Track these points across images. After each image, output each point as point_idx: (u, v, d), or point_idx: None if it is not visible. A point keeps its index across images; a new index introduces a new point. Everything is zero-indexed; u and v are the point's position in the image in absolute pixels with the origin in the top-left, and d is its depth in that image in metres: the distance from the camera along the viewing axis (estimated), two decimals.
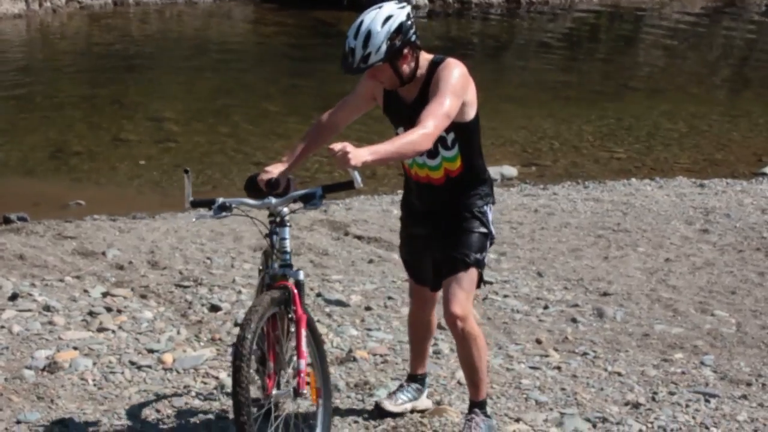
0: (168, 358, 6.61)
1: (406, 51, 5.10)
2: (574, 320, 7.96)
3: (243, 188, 5.25)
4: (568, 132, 16.60)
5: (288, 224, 5.18)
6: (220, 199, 5.16)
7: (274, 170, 5.31)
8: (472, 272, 5.34)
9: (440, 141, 5.19)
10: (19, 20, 25.43)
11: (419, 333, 5.91)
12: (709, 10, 30.37)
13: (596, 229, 10.93)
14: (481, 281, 5.44)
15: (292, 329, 4.99)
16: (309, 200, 5.11)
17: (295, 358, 4.95)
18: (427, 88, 5.14)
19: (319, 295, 8.15)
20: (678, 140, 16.41)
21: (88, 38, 24.76)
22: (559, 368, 6.90)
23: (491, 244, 5.49)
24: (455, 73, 5.08)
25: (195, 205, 5.25)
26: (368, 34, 5.00)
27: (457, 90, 5.05)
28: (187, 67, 21.82)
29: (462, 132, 5.25)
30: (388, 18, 5.04)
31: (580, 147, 15.80)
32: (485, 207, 5.43)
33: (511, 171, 14.06)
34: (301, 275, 5.11)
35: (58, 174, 14.01)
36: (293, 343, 4.98)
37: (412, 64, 5.17)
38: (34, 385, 6.17)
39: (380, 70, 5.11)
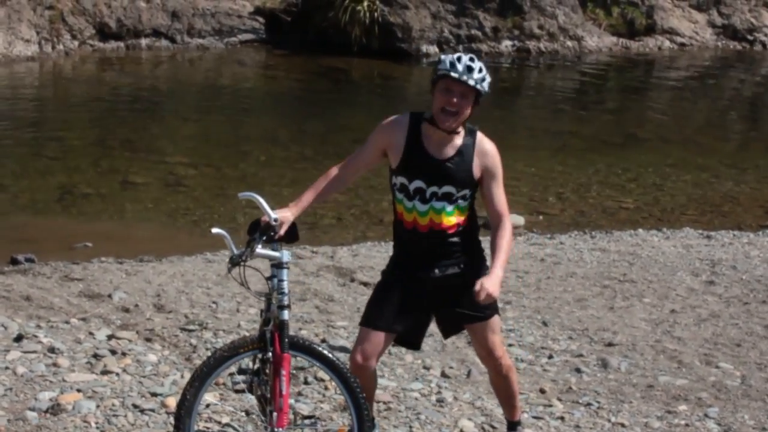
0: (171, 401, 6.60)
1: (478, 106, 5.48)
2: (578, 370, 7.95)
3: (246, 232, 5.31)
4: (576, 181, 16.62)
5: (286, 267, 5.23)
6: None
7: (281, 215, 5.35)
8: (498, 320, 5.74)
9: (464, 196, 5.51)
10: (32, 63, 25.59)
11: (368, 384, 5.69)
12: (718, 62, 30.47)
13: (602, 279, 10.93)
14: None
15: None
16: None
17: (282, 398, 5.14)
18: (468, 150, 5.48)
19: (324, 341, 8.15)
20: (685, 191, 16.43)
21: (99, 81, 24.90)
22: (562, 418, 6.89)
23: None
24: (498, 157, 5.58)
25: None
26: (484, 68, 5.46)
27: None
28: (198, 111, 21.92)
29: (477, 186, 5.60)
30: None
31: (588, 196, 15.82)
32: (484, 252, 5.68)
33: (518, 220, 14.06)
34: (286, 315, 5.20)
35: (66, 215, 14.06)
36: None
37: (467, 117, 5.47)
38: (37, 427, 6.17)
39: (469, 97, 5.41)
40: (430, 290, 5.54)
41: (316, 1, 28.05)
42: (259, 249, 5.21)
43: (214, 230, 5.30)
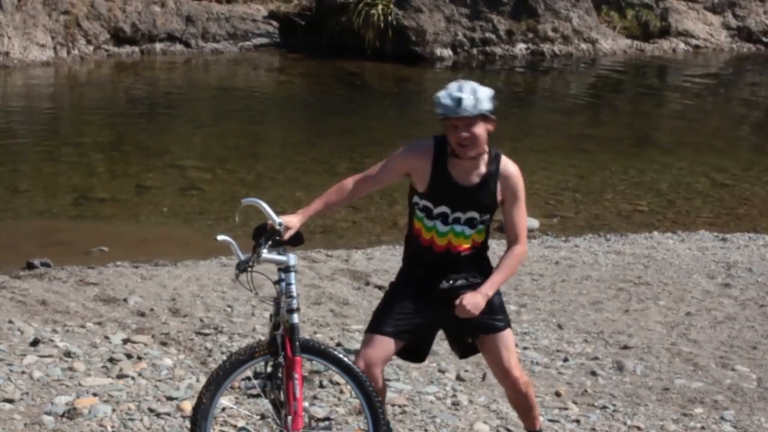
0: (187, 405, 6.61)
1: (494, 119, 5.44)
2: (593, 373, 7.94)
3: (252, 237, 5.32)
4: (591, 184, 16.60)
5: (293, 270, 5.25)
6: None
7: (286, 220, 5.35)
8: (510, 333, 5.65)
9: (484, 221, 5.54)
10: (47, 68, 25.67)
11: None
12: (733, 64, 30.39)
13: (617, 282, 10.91)
14: None
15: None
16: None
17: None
18: (493, 177, 5.49)
19: (339, 344, 8.15)
20: (700, 194, 16.38)
21: (114, 86, 24.97)
22: (578, 421, 6.88)
23: None
24: (521, 181, 5.58)
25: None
26: (475, 89, 5.36)
27: (524, 194, 5.61)
28: (212, 115, 21.97)
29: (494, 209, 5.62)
30: (482, 85, 5.45)
31: (602, 199, 15.79)
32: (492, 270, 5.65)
33: (532, 222, 14.03)
34: (295, 318, 5.20)
35: (81, 220, 14.10)
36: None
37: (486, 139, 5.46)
38: (53, 431, 6.19)
39: (476, 124, 5.36)
40: (438, 303, 5.52)
41: (330, 4, 28.09)
42: (266, 254, 5.22)
43: (220, 237, 5.32)
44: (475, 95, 5.33)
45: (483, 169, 5.47)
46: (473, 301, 5.32)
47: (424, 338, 5.71)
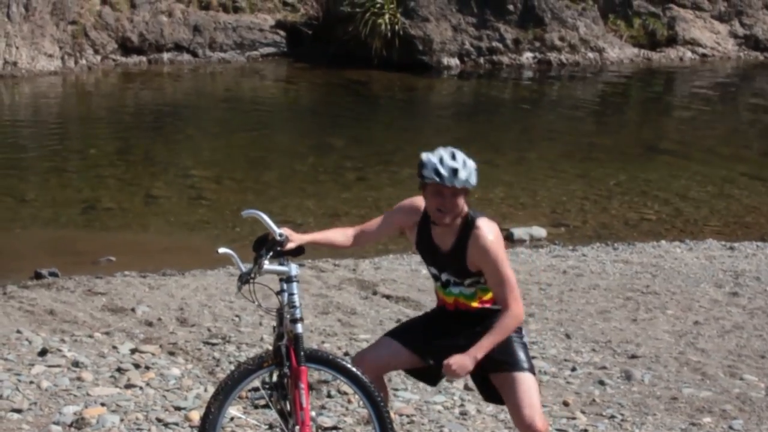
0: (195, 415, 6.62)
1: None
2: (601, 382, 7.93)
3: (252, 249, 5.32)
4: (598, 193, 16.59)
5: (295, 280, 5.27)
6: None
7: (287, 232, 5.38)
8: (534, 380, 5.50)
9: (474, 282, 5.48)
10: (55, 77, 25.74)
11: None
12: (740, 73, 30.38)
13: (625, 291, 10.90)
14: None
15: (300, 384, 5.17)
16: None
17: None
18: (463, 244, 5.41)
19: (346, 354, 8.15)
20: (708, 202, 16.36)
21: (122, 95, 25.03)
22: (586, 431, 6.87)
23: None
24: (495, 245, 5.39)
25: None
26: (465, 160, 5.33)
27: (504, 256, 5.42)
28: (219, 125, 21.99)
29: None
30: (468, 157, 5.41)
31: (610, 208, 15.78)
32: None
33: (540, 232, 14.05)
34: (299, 328, 5.21)
35: (89, 230, 14.12)
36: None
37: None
38: None
39: (460, 196, 5.36)
40: (458, 345, 5.45)
41: (337, 14, 28.12)
42: (267, 265, 5.23)
43: (221, 250, 5.33)
44: (467, 167, 5.31)
45: (455, 236, 5.45)
46: (460, 363, 5.25)
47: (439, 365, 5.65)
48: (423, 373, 5.72)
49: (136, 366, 7.56)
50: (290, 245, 5.35)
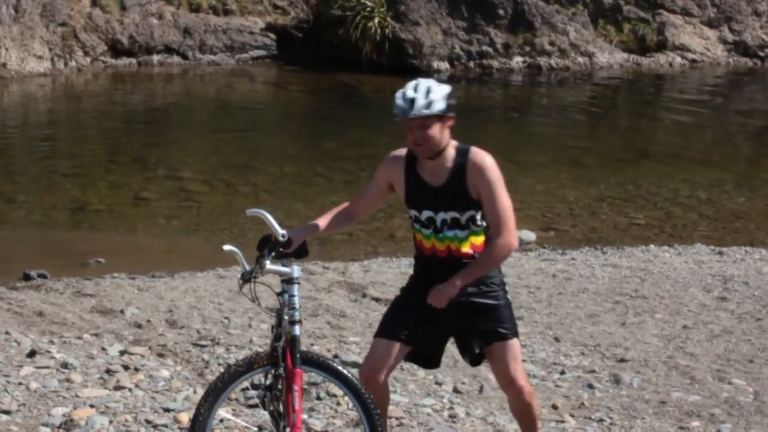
0: (184, 417, 6.61)
1: (452, 116, 5.38)
2: (590, 386, 7.95)
3: (256, 248, 5.32)
4: (587, 197, 16.62)
5: (297, 282, 5.28)
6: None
7: (291, 232, 5.37)
8: (517, 344, 5.59)
9: (471, 219, 5.45)
10: (45, 78, 25.72)
11: (378, 399, 5.55)
12: (729, 79, 30.46)
13: (614, 295, 10.92)
14: None
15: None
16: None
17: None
18: (460, 171, 5.40)
19: (336, 356, 8.15)
20: (697, 207, 16.40)
21: (111, 97, 25.01)
22: None
23: None
24: (494, 167, 5.41)
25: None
26: (429, 89, 5.31)
27: (502, 182, 5.40)
28: (209, 127, 21.99)
29: None
30: (440, 83, 5.39)
31: (599, 212, 15.81)
32: (500, 275, 5.64)
33: (529, 235, 14.06)
34: (297, 330, 5.21)
35: (78, 231, 14.11)
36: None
37: (448, 137, 5.40)
38: None
39: (429, 126, 5.32)
40: (448, 310, 5.49)
41: (328, 17, 28.14)
42: (269, 265, 5.23)
43: (226, 247, 5.31)
44: (429, 95, 5.29)
45: (450, 164, 5.43)
46: (443, 291, 5.31)
47: (434, 344, 5.68)
48: (421, 358, 5.74)
49: (125, 368, 7.54)
50: (294, 245, 5.35)
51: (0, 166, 17.52)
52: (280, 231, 5.27)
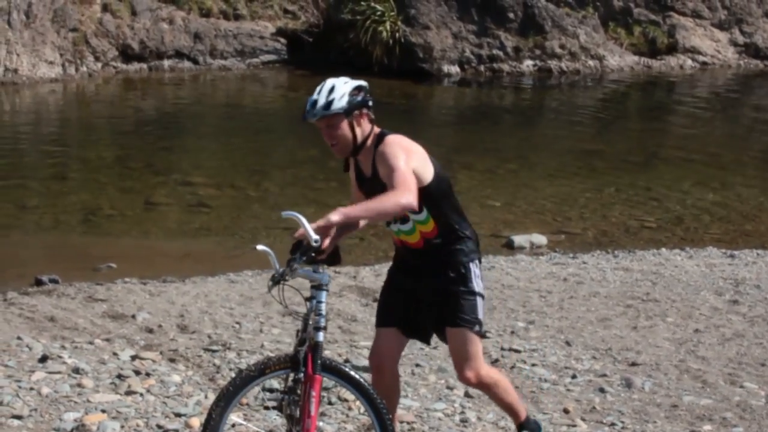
0: (195, 422, 6.62)
1: (364, 111, 5.42)
2: (602, 390, 7.93)
3: (289, 251, 5.29)
4: (598, 201, 16.60)
5: (326, 289, 5.29)
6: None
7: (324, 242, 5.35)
8: (470, 335, 5.60)
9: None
10: (56, 84, 25.79)
11: (388, 391, 5.72)
12: (740, 81, 30.42)
13: (625, 299, 10.90)
14: (481, 336, 5.69)
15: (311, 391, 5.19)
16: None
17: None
18: (375, 165, 5.44)
19: (347, 361, 8.15)
20: (708, 210, 16.37)
21: (122, 102, 25.07)
22: None
23: (483, 300, 5.68)
24: (393, 143, 5.38)
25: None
26: (332, 87, 5.38)
27: (402, 155, 5.32)
28: (220, 132, 22.02)
29: (425, 195, 5.43)
30: (349, 80, 5.45)
31: (610, 216, 15.78)
32: (470, 264, 5.63)
33: (540, 239, 14.05)
34: (320, 337, 5.24)
35: (90, 236, 14.12)
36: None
37: (367, 129, 5.46)
38: None
39: (336, 125, 5.38)
40: (422, 289, 5.64)
41: (338, 21, 28.18)
42: (300, 269, 5.21)
43: (259, 247, 5.30)
44: (330, 95, 5.33)
45: (371, 156, 5.48)
46: (325, 217, 5.11)
47: (417, 314, 5.74)
48: (413, 331, 5.82)
49: (137, 372, 7.55)
50: (327, 252, 5.33)
51: (11, 171, 17.55)
52: (314, 236, 5.15)
